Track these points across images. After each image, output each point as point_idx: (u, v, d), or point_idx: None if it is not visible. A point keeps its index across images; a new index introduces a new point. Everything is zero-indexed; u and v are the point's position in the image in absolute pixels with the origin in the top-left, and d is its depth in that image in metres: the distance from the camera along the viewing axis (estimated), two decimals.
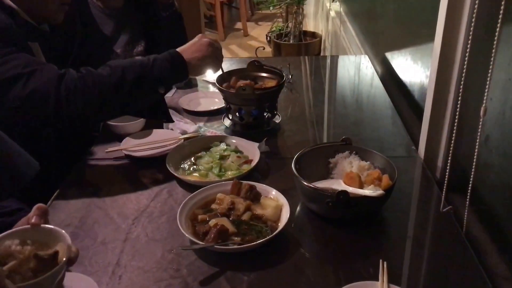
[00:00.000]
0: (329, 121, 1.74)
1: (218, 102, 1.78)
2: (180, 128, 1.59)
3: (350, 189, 1.10)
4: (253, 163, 1.36)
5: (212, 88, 1.96)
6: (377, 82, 1.98)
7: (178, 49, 1.37)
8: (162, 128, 1.61)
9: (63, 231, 0.77)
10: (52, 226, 0.77)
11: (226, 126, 1.63)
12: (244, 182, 1.22)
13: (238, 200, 1.17)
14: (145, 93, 1.31)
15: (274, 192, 1.19)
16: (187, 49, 1.37)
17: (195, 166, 1.38)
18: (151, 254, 1.09)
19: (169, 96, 1.88)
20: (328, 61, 2.48)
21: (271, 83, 1.58)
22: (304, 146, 1.26)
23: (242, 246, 1.03)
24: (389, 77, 1.98)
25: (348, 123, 1.70)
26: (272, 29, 4.54)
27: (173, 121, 1.56)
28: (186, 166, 1.39)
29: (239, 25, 5.84)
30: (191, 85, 1.99)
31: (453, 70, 1.27)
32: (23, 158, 0.71)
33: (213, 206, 1.18)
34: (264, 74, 1.64)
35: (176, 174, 1.32)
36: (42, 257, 0.70)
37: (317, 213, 1.18)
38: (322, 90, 2.01)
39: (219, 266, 1.04)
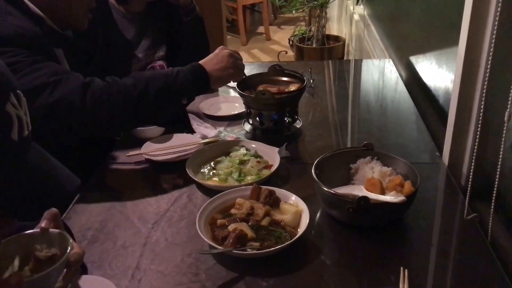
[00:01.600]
0: (352, 126, 1.74)
1: (238, 107, 1.80)
2: (201, 133, 1.61)
3: (371, 195, 1.10)
4: (273, 168, 1.37)
5: (233, 93, 1.97)
6: (401, 86, 1.98)
7: (200, 62, 1.43)
8: (183, 132, 1.63)
9: (67, 235, 0.78)
10: (58, 230, 0.78)
11: (247, 131, 1.64)
12: (264, 187, 1.23)
13: (257, 205, 1.19)
14: (168, 104, 1.36)
15: (293, 198, 1.20)
16: (209, 61, 1.44)
17: (214, 171, 1.40)
18: (170, 258, 1.11)
19: None
20: (352, 65, 2.49)
21: (293, 88, 1.59)
22: (325, 152, 1.27)
23: (261, 251, 1.05)
24: (414, 82, 1.97)
25: (372, 128, 1.70)
26: (295, 33, 4.55)
27: (194, 132, 1.58)
28: (205, 170, 1.41)
29: (261, 29, 5.87)
30: (212, 90, 2.01)
31: (477, 74, 1.26)
32: (64, 174, 0.72)
33: (232, 211, 1.19)
34: (285, 79, 1.66)
35: (195, 179, 1.34)
36: (39, 258, 0.72)
37: (337, 220, 1.18)
38: (345, 94, 2.01)
39: (237, 271, 1.05)
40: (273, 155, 1.43)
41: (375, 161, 1.28)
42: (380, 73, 2.19)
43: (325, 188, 1.14)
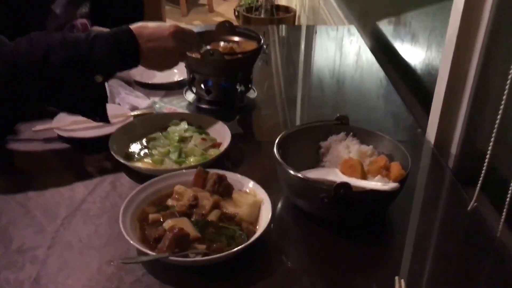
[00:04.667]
0: (316, 99, 1.52)
1: (177, 74, 1.53)
2: (129, 103, 1.33)
3: (352, 181, 0.87)
4: (222, 147, 1.12)
5: None
6: (368, 55, 1.77)
7: (132, 27, 1.09)
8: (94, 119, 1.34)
9: None
10: None
11: (189, 102, 1.39)
12: (211, 171, 0.98)
13: (203, 194, 0.94)
14: (75, 82, 1.06)
15: (251, 184, 0.96)
16: (143, 30, 1.10)
17: (146, 151, 1.14)
18: (84, 267, 0.85)
19: None
20: (308, 31, 2.25)
21: (246, 48, 1.34)
22: (286, 129, 1.03)
23: (209, 257, 0.80)
24: (382, 50, 1.77)
25: (338, 102, 1.49)
26: (241, 3, 4.28)
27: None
28: (135, 150, 1.14)
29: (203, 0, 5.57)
30: None
31: (477, 34, 1.06)
32: None
33: (170, 202, 0.94)
34: (236, 38, 1.40)
35: (121, 160, 1.07)
36: None
37: (307, 213, 0.95)
38: (306, 63, 1.78)
39: (176, 285, 0.81)
40: (222, 131, 1.18)
41: (350, 138, 1.06)
42: (342, 40, 1.98)
43: (291, 172, 0.90)
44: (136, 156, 1.13)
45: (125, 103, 1.34)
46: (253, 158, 1.17)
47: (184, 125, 1.21)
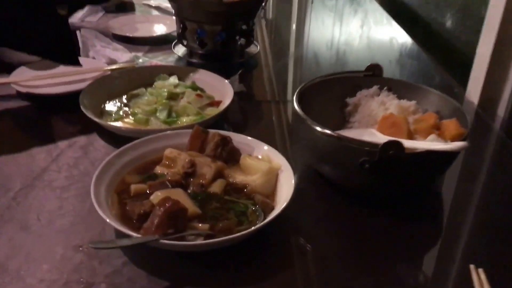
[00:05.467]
0: (323, 58, 1.30)
1: (164, 28, 1.30)
2: (107, 56, 1.11)
3: (404, 142, 0.66)
4: (223, 106, 0.90)
5: (156, 13, 1.48)
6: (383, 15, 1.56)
7: None
8: (79, 55, 1.11)
9: None
10: None
11: (179, 56, 1.17)
12: (213, 131, 0.76)
13: (202, 160, 0.72)
14: (34, 16, 0.90)
15: (265, 148, 0.75)
16: None
17: (127, 109, 0.91)
18: (42, 254, 0.64)
19: (93, 21, 1.39)
20: None
21: None
22: (295, 88, 0.81)
23: (214, 240, 0.58)
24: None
25: (357, 57, 1.27)
26: None
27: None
28: (112, 109, 0.92)
29: None
30: (125, 9, 1.50)
31: None
32: None
33: (159, 169, 0.72)
34: None
35: (95, 119, 0.84)
36: None
37: (335, 184, 0.75)
38: (315, 18, 1.56)
39: (168, 277, 0.59)
40: (221, 88, 0.97)
41: (386, 93, 0.85)
42: None
43: (320, 129, 0.69)
44: (113, 115, 0.90)
45: (100, 56, 1.11)
46: (258, 120, 0.97)
47: (174, 79, 0.99)
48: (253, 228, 0.60)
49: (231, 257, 0.62)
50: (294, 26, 1.55)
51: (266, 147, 0.75)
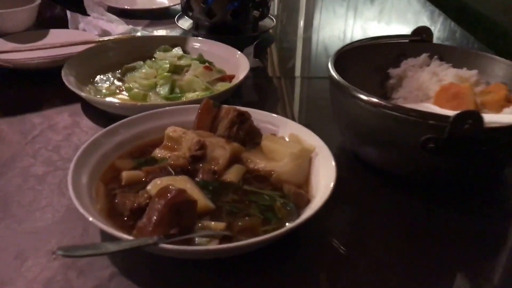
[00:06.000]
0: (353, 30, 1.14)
1: (165, 2, 1.15)
2: (99, 28, 0.95)
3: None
4: (237, 80, 0.74)
5: None
6: None
7: None
8: (67, 27, 0.96)
9: None
10: None
11: (184, 30, 1.00)
12: (227, 106, 0.60)
13: (213, 141, 0.56)
14: None
15: (294, 125, 0.59)
16: None
17: (120, 84, 0.75)
18: (5, 263, 0.47)
19: None
20: None
21: None
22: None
23: (233, 244, 0.42)
24: None
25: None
26: None
27: (87, 15, 0.91)
28: (104, 84, 0.76)
29: None
30: None
31: None
32: None
33: (158, 152, 0.56)
34: None
35: (81, 94, 0.69)
36: None
37: (384, 171, 0.58)
38: None
39: None
40: (234, 61, 0.81)
41: (437, 62, 0.69)
42: None
43: (364, 97, 0.53)
44: (104, 91, 0.74)
45: (91, 27, 0.95)
46: (277, 99, 0.81)
47: (178, 51, 0.83)
48: (287, 227, 0.45)
49: (251, 264, 0.47)
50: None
51: (294, 125, 0.59)
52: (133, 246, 0.41)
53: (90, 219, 0.44)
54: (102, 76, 0.78)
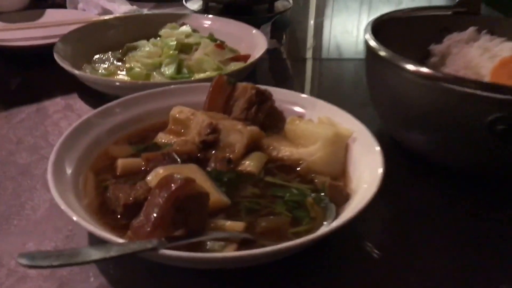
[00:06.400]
0: None
1: None
2: (100, 7, 0.86)
3: None
4: (252, 60, 0.64)
5: None
6: None
7: None
8: (65, 7, 0.87)
9: None
10: None
11: (193, 11, 0.90)
12: (243, 83, 0.50)
13: (229, 123, 0.46)
14: None
15: (326, 106, 0.48)
16: None
17: (121, 64, 0.66)
18: None
19: None
20: None
21: None
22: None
23: (257, 251, 0.32)
24: None
25: None
26: None
27: None
28: (103, 65, 0.66)
29: None
30: None
31: None
32: None
33: (162, 137, 0.47)
34: None
35: (75, 71, 0.59)
36: None
37: (435, 163, 0.48)
38: None
39: None
40: (249, 39, 0.71)
41: (487, 37, 0.59)
42: None
43: (413, 67, 0.43)
44: (101, 71, 0.65)
45: (91, 7, 0.86)
46: (298, 82, 0.71)
47: (186, 29, 0.73)
48: (324, 230, 0.34)
49: (275, 274, 0.37)
50: None
51: (326, 105, 0.49)
52: (125, 252, 0.31)
53: (74, 218, 0.34)
54: (101, 56, 0.68)
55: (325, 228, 0.36)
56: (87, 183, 0.41)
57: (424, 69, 0.43)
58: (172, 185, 0.33)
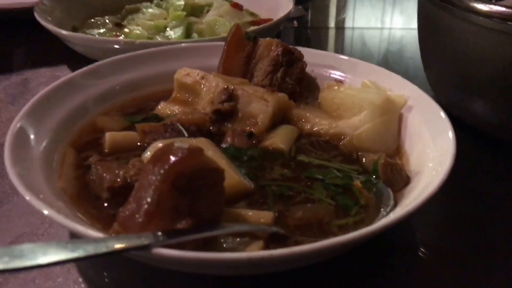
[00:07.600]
0: None
1: None
2: None
3: None
4: (275, 20, 0.55)
5: None
6: None
7: None
8: None
9: None
10: None
11: None
12: (266, 39, 0.40)
13: (249, 89, 0.37)
14: None
15: (373, 68, 0.39)
16: None
17: (119, 28, 0.57)
18: None
19: None
20: None
21: None
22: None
23: (292, 250, 0.23)
24: None
25: None
26: None
27: None
28: (98, 30, 0.57)
29: None
30: None
31: None
32: None
33: (164, 107, 0.37)
34: None
35: (62, 31, 0.50)
36: None
37: (504, 139, 0.38)
38: None
39: None
40: (271, 2, 0.61)
41: None
42: None
43: (487, 8, 0.32)
44: (96, 35, 0.55)
45: None
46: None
47: None
48: (387, 220, 0.25)
49: (311, 277, 0.27)
50: None
51: (372, 68, 0.40)
52: (107, 251, 0.22)
53: (45, 211, 0.25)
54: (96, 20, 0.59)
55: (386, 219, 0.26)
56: (65, 161, 0.32)
57: (501, 8, 0.34)
58: (171, 157, 0.24)
